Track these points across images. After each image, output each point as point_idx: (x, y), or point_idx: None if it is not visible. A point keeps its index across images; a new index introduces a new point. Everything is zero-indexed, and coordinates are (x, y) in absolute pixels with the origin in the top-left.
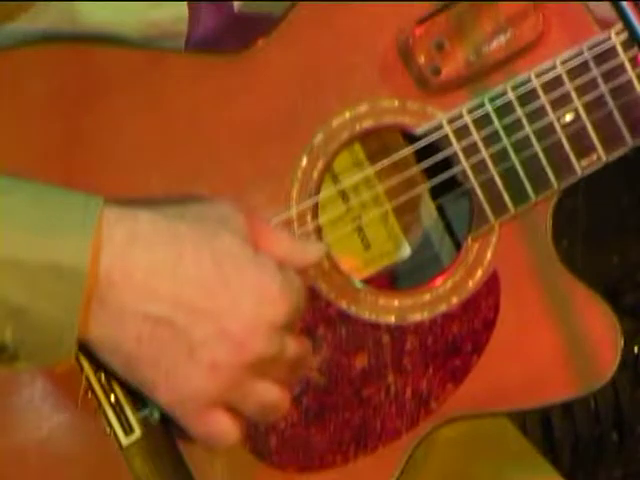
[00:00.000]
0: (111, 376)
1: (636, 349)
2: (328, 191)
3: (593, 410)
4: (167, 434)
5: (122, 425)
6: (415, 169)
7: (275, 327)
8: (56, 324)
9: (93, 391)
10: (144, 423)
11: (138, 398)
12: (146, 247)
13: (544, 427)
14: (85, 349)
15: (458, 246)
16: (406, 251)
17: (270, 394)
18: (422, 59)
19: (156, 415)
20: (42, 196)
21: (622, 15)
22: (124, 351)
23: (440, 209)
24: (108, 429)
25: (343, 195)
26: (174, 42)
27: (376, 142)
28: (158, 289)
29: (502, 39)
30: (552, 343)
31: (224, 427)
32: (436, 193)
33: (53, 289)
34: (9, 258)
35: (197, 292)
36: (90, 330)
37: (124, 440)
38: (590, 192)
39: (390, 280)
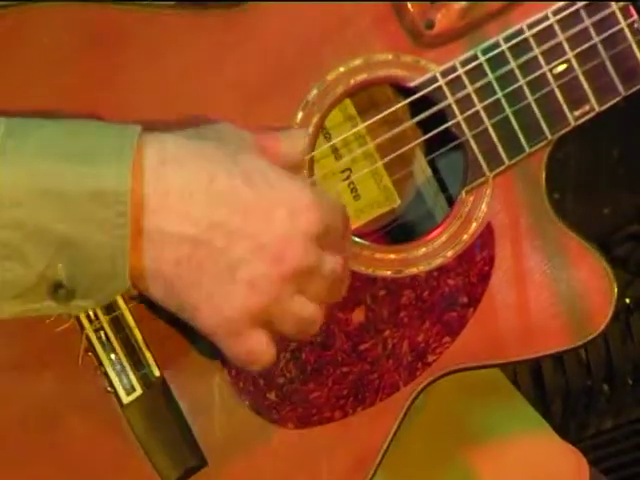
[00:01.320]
0: (112, 335)
1: (627, 301)
2: (320, 147)
3: (584, 362)
4: (167, 392)
5: (123, 384)
6: (408, 123)
7: (310, 237)
8: (106, 253)
9: (94, 350)
10: (144, 381)
11: (138, 357)
12: (177, 168)
13: (535, 379)
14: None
15: (451, 202)
16: (396, 201)
17: (307, 309)
18: (415, 12)
19: (156, 373)
20: (76, 127)
21: None
22: (164, 276)
23: (432, 165)
24: (109, 388)
25: (335, 151)
26: None
27: (366, 97)
28: (193, 210)
29: None
30: (546, 294)
31: (263, 347)
32: (428, 149)
33: (99, 216)
34: (50, 189)
35: (231, 211)
36: (132, 261)
37: (125, 398)
38: (581, 144)
39: (384, 238)
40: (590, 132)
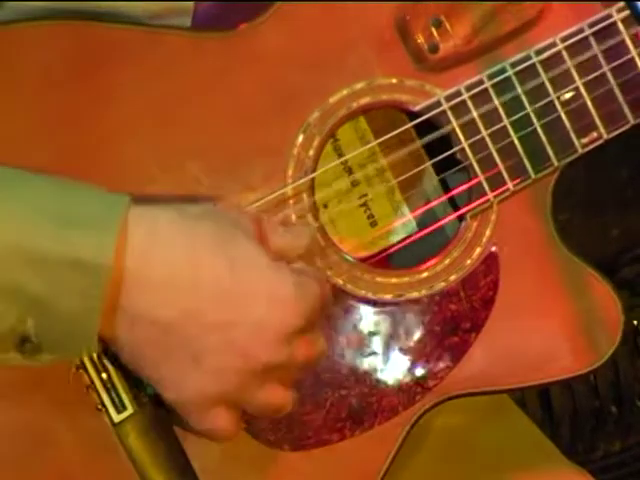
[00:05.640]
0: (103, 355)
1: (635, 323)
2: (333, 166)
3: (592, 383)
4: (159, 411)
5: (114, 403)
6: (412, 146)
7: (283, 334)
8: (78, 319)
9: (85, 369)
10: (136, 401)
11: (130, 376)
12: (164, 250)
13: (543, 400)
14: None
15: (462, 220)
16: (412, 228)
17: (276, 396)
18: (420, 37)
19: (149, 391)
20: (68, 188)
21: None
22: (132, 350)
23: (444, 184)
24: (100, 406)
25: (348, 170)
26: (180, 19)
27: (382, 118)
28: (172, 296)
29: (501, 17)
30: (551, 321)
31: (225, 425)
32: (440, 168)
33: (74, 284)
34: (31, 249)
35: (210, 303)
36: (102, 329)
37: (116, 417)
38: (589, 165)
39: (390, 259)
40: (599, 153)
